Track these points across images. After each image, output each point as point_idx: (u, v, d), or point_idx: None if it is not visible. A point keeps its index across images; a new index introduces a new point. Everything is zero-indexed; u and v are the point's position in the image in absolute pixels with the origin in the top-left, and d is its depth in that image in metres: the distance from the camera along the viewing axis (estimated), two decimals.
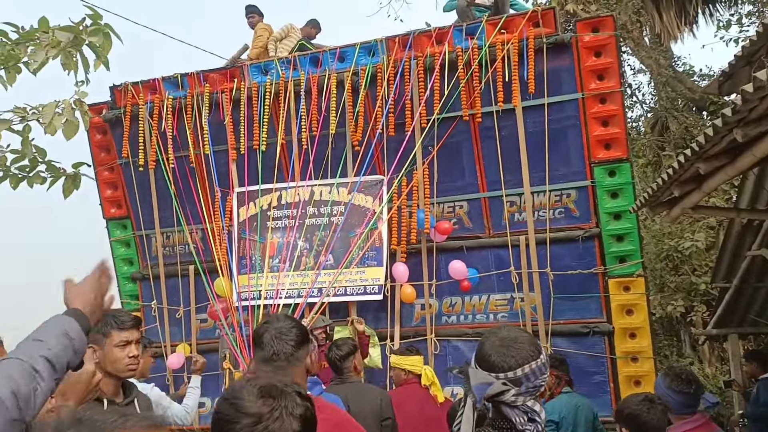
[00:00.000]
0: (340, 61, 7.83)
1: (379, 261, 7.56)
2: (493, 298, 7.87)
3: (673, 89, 16.85)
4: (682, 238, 12.71)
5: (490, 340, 2.25)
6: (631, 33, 17.11)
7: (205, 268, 8.25)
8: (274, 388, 1.72)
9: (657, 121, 16.99)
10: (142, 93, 8.52)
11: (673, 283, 12.84)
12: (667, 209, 5.67)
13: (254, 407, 1.65)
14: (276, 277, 7.73)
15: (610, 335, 7.32)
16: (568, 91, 7.20)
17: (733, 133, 3.53)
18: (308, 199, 7.84)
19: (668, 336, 13.85)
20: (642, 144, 16.41)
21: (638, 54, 17.39)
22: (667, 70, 16.92)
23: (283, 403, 1.68)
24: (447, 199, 7.84)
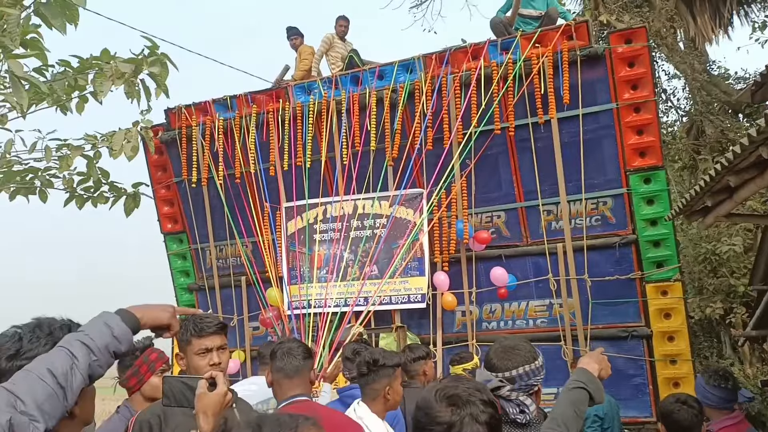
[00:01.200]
0: (379, 79, 7.89)
1: (421, 271, 7.59)
2: (532, 305, 7.81)
3: (708, 93, 16.44)
4: (719, 242, 12.41)
5: (494, 347, 2.70)
6: (665, 39, 16.79)
7: (257, 278, 8.39)
8: (460, 398, 1.83)
9: (692, 126, 16.62)
10: (194, 115, 8.71)
11: (712, 286, 12.53)
12: (702, 217, 5.66)
13: (446, 416, 1.78)
14: (323, 287, 7.81)
15: (648, 338, 7.21)
16: (602, 102, 7.13)
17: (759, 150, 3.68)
18: (352, 213, 7.91)
19: (708, 338, 13.52)
20: (677, 148, 16.06)
21: (672, 59, 17.03)
22: (702, 75, 16.51)
23: (469, 410, 1.79)
24: (485, 209, 7.83)
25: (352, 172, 7.85)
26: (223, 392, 2.36)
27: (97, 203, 9.16)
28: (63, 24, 8.04)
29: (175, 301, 9.59)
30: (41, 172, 8.96)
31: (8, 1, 5.38)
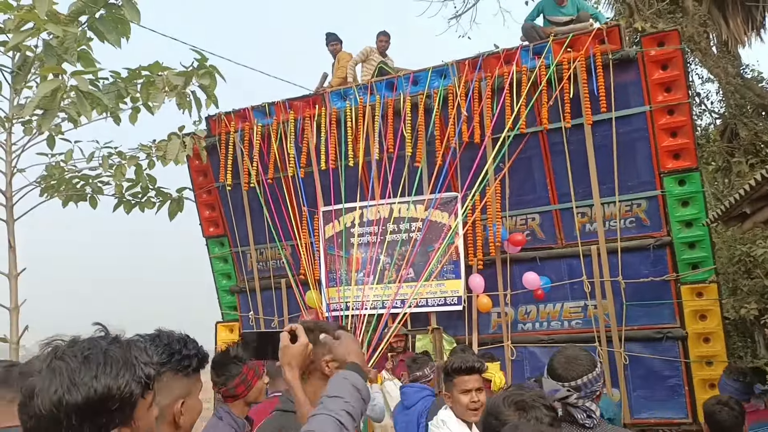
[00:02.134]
0: (414, 85, 7.88)
1: (456, 274, 7.56)
2: (566, 306, 7.72)
3: (741, 96, 16.11)
4: (754, 245, 12.14)
5: (557, 358, 2.81)
6: (699, 44, 16.51)
7: (297, 281, 8.43)
8: (526, 403, 2.06)
9: (726, 128, 16.30)
10: (233, 121, 8.80)
11: (746, 287, 12.28)
12: (740, 223, 5.71)
13: (513, 419, 1.99)
14: (361, 289, 7.82)
15: (683, 340, 7.08)
16: (635, 105, 7.02)
17: None
18: (388, 217, 7.91)
19: (742, 338, 13.28)
20: (711, 151, 15.76)
21: (706, 63, 16.73)
22: (735, 78, 16.20)
23: (533, 414, 2.02)
24: (519, 212, 7.77)
25: (388, 176, 7.84)
26: (305, 343, 2.35)
27: (144, 208, 9.37)
28: (117, 38, 8.26)
29: (218, 303, 9.68)
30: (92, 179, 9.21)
31: (66, 18, 5.52)
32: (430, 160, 7.76)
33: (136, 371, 1.55)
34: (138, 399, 1.54)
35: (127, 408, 1.51)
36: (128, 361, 1.54)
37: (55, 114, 8.28)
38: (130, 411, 1.53)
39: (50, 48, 8.17)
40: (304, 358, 2.35)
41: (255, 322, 9.05)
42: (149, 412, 1.64)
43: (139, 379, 1.55)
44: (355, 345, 2.26)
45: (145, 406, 1.59)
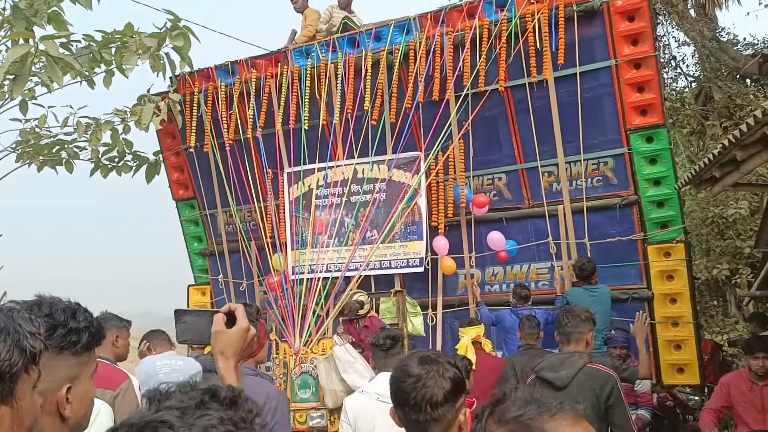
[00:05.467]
0: (376, 41, 7.27)
1: (419, 235, 7.04)
2: (534, 267, 7.26)
3: (716, 60, 15.48)
4: (726, 206, 11.70)
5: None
6: (676, 7, 15.82)
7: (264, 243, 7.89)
8: (429, 357, 2.02)
9: (701, 92, 15.67)
10: (197, 81, 8.17)
11: (719, 248, 11.86)
12: (710, 186, 5.57)
13: (416, 370, 1.97)
14: (325, 252, 7.28)
15: (650, 301, 6.63)
16: (600, 59, 6.45)
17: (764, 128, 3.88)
18: (351, 177, 7.34)
19: (714, 297, 12.93)
20: (686, 114, 15.16)
21: (683, 27, 16.05)
22: (711, 42, 15.54)
23: (436, 367, 1.96)
24: (486, 171, 7.25)
25: (351, 135, 7.24)
26: (244, 328, 1.84)
27: (122, 172, 8.82)
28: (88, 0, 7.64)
29: (190, 266, 9.17)
30: (67, 144, 8.62)
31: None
32: (393, 118, 7.15)
33: (21, 340, 1.22)
34: (21, 372, 1.22)
35: (7, 380, 1.20)
36: (10, 329, 1.22)
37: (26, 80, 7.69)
38: (11, 385, 1.21)
39: (18, 11, 7.53)
40: (243, 346, 1.85)
41: (225, 285, 8.55)
42: (33, 394, 1.28)
43: (24, 348, 1.23)
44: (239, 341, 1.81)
45: (28, 384, 1.25)
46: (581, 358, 3.62)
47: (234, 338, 1.82)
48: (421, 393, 1.93)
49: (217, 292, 8.69)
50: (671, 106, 15.43)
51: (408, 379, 1.98)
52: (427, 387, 1.93)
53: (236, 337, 1.82)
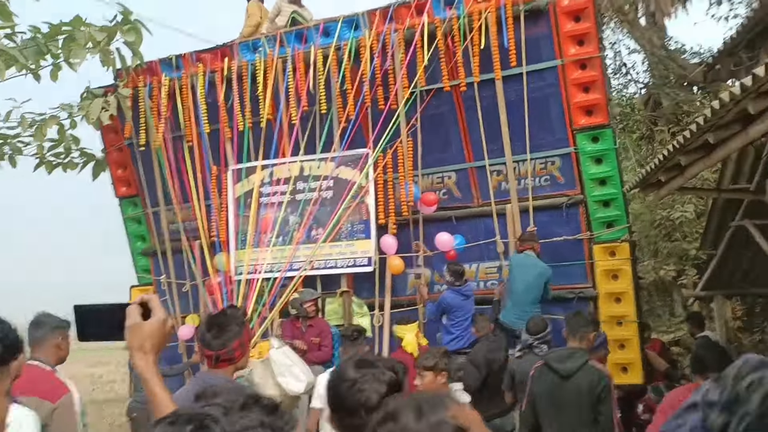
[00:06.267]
0: (324, 36, 7.07)
1: (367, 234, 6.85)
2: (482, 267, 7.16)
3: (665, 67, 15.77)
4: (673, 209, 11.87)
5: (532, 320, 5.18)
6: (627, 15, 16.08)
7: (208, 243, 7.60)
8: (367, 361, 1.97)
9: (650, 98, 15.99)
10: (141, 75, 7.84)
11: (666, 249, 12.07)
12: (656, 190, 5.74)
13: (352, 374, 1.90)
14: (269, 251, 7.04)
15: (595, 300, 6.57)
16: (547, 59, 6.40)
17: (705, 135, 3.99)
18: (299, 175, 7.12)
19: (661, 297, 13.09)
20: (636, 119, 15.40)
21: (633, 35, 16.32)
22: (660, 50, 15.83)
23: (372, 371, 1.90)
24: (436, 170, 7.14)
25: (298, 132, 7.03)
26: (162, 319, 1.67)
27: (67, 168, 8.42)
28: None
29: (133, 266, 8.81)
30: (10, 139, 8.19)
31: None
32: (341, 115, 6.96)
33: None
34: None
35: None
36: None
37: None
38: None
39: None
40: (161, 339, 1.70)
41: (167, 286, 8.22)
42: None
43: None
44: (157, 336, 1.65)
45: None
46: (583, 356, 4.18)
47: (152, 331, 1.66)
48: (356, 397, 1.87)
49: (160, 293, 8.34)
50: (622, 112, 15.65)
51: (343, 383, 1.93)
52: (362, 391, 1.87)
53: (154, 329, 1.67)
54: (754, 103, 3.46)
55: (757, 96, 3.42)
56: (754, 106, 3.46)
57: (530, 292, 6.08)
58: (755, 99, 3.44)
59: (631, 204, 12.11)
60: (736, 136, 3.99)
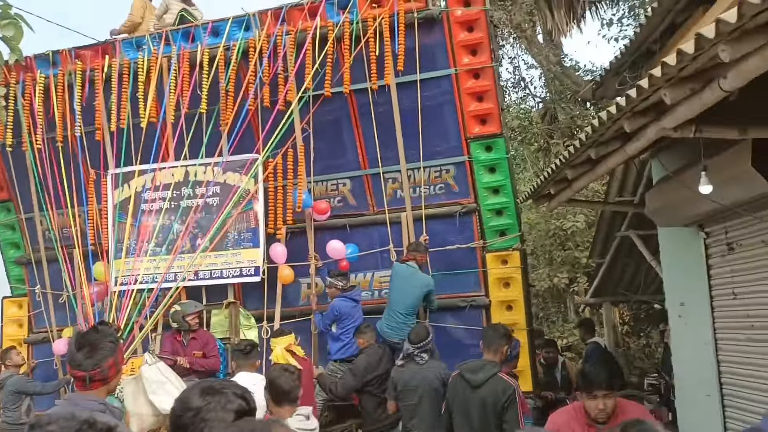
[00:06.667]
0: (213, 36, 6.71)
1: (255, 242, 6.51)
2: (377, 275, 7.00)
3: (560, 83, 16.34)
4: (565, 219, 12.21)
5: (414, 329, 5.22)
6: (525, 32, 16.54)
7: (86, 252, 7.03)
8: (213, 388, 1.82)
9: (546, 112, 16.51)
10: (14, 71, 7.17)
11: (560, 258, 12.36)
12: (547, 201, 5.81)
13: (196, 402, 1.77)
14: (151, 260, 6.56)
15: (487, 308, 6.55)
16: (441, 67, 6.34)
17: (588, 151, 4.13)
18: (183, 180, 6.69)
19: (555, 304, 13.46)
20: (533, 132, 15.84)
21: (531, 51, 16.81)
22: (556, 66, 16.39)
23: (218, 398, 1.78)
24: (330, 176, 6.92)
25: (182, 135, 6.61)
26: None
27: None
28: None
29: (6, 276, 8.05)
30: None
31: None
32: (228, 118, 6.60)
33: None
34: None
35: None
36: None
37: None
38: None
39: None
40: None
41: (43, 297, 7.55)
42: None
43: None
44: None
45: None
46: (494, 368, 4.40)
47: None
48: (199, 427, 1.76)
49: (35, 305, 7.67)
50: (520, 124, 16.07)
51: (186, 412, 1.80)
52: (206, 420, 1.76)
53: None
54: (629, 122, 3.51)
55: (632, 115, 3.46)
56: (629, 125, 3.51)
57: (406, 303, 5.99)
58: (630, 118, 3.49)
59: (527, 214, 12.42)
60: (616, 152, 4.07)
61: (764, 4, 2.16)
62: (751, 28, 2.38)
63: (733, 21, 2.32)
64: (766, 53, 2.44)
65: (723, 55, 2.49)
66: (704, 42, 2.52)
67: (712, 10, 5.16)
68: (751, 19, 2.30)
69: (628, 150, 3.93)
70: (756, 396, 4.62)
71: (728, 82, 2.71)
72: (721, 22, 2.38)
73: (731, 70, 2.66)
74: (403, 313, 5.95)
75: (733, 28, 2.36)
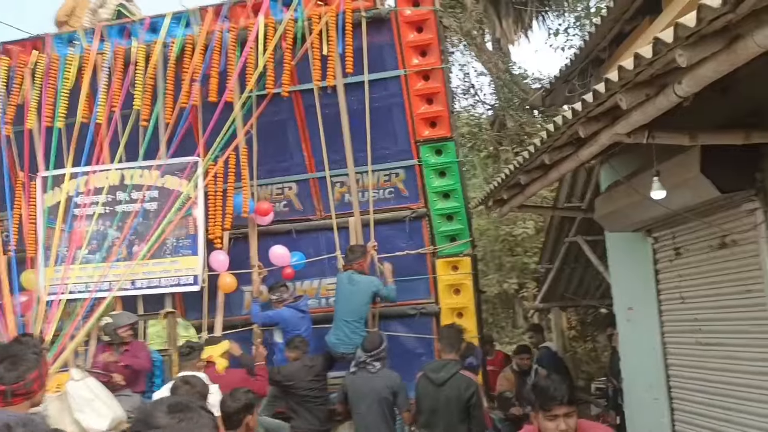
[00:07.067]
0: (150, 32, 6.35)
1: (194, 250, 6.17)
2: (324, 283, 6.77)
3: (509, 91, 16.44)
4: (515, 225, 12.24)
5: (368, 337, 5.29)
6: (475, 39, 16.61)
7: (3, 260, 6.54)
8: (181, 404, 1.63)
9: (496, 119, 16.60)
10: None
11: (509, 263, 12.39)
12: (500, 207, 5.85)
13: (162, 420, 1.57)
14: (84, 268, 6.15)
15: (437, 315, 6.38)
16: (390, 68, 6.15)
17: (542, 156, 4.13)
18: (118, 184, 6.30)
19: (505, 309, 13.48)
20: (483, 139, 15.87)
21: (481, 58, 16.88)
22: (505, 74, 16.49)
23: (190, 415, 1.59)
24: (276, 180, 6.66)
25: (117, 136, 6.22)
26: None
27: None
28: None
29: None
30: None
31: None
32: (167, 119, 6.25)
33: None
34: None
35: None
36: None
37: None
38: None
39: None
40: None
41: None
42: None
43: None
44: None
45: None
46: (456, 366, 4.68)
47: None
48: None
49: None
50: (470, 131, 16.07)
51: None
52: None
53: None
54: (583, 127, 3.48)
55: (587, 121, 3.43)
56: (583, 130, 3.48)
57: (352, 310, 5.80)
58: (584, 124, 3.45)
59: (477, 220, 12.38)
60: (569, 157, 4.07)
61: (722, 9, 2.08)
62: (709, 33, 2.32)
63: (692, 25, 2.25)
64: (720, 59, 2.38)
65: (680, 59, 2.43)
66: (662, 46, 2.44)
67: (658, 20, 5.21)
68: (709, 24, 2.22)
69: (581, 155, 3.93)
70: (703, 399, 4.64)
71: (683, 88, 2.68)
72: (680, 26, 2.31)
73: (686, 76, 2.62)
74: (350, 321, 5.75)
75: (691, 32, 2.28)
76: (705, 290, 4.55)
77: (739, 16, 2.13)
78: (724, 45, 2.32)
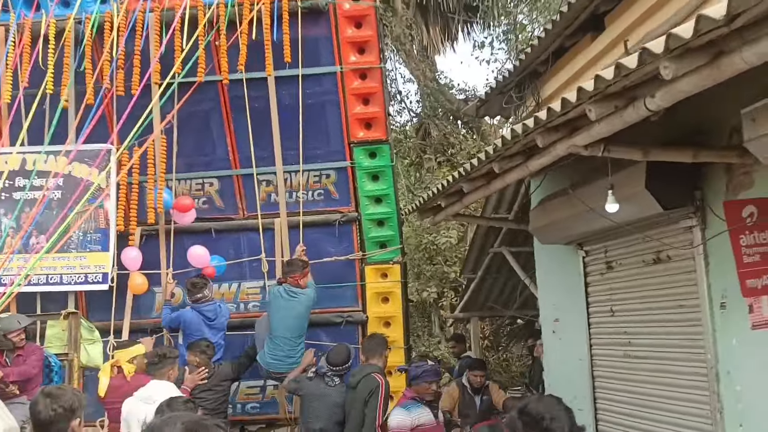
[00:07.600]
0: (63, 6, 5.75)
1: (104, 245, 5.60)
2: (244, 287, 6.39)
3: (435, 100, 16.50)
4: (438, 234, 12.21)
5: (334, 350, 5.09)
6: (404, 45, 16.55)
7: None
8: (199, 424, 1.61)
9: (421, 127, 16.61)
10: None
11: (429, 272, 12.35)
12: (433, 215, 5.63)
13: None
14: None
15: (363, 324, 6.13)
16: (325, 63, 5.87)
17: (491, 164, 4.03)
18: (19, 169, 5.65)
19: (422, 318, 13.50)
20: (407, 146, 15.84)
21: (408, 65, 16.84)
22: (432, 83, 16.52)
23: None
24: (195, 174, 6.24)
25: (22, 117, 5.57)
26: None
27: None
28: None
29: None
30: None
31: None
32: (79, 102, 5.67)
33: None
34: None
35: None
36: None
37: None
38: None
39: None
40: None
41: None
42: None
43: None
44: None
45: None
46: (370, 369, 4.86)
47: None
48: None
49: None
50: (395, 138, 15.98)
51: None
52: None
53: None
54: (542, 137, 3.35)
55: (545, 130, 3.30)
56: (542, 139, 3.37)
57: (290, 326, 5.43)
58: (543, 133, 3.33)
59: None
60: (518, 167, 3.98)
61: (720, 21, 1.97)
62: (695, 47, 2.20)
63: (688, 36, 2.12)
64: (704, 73, 2.28)
65: (665, 72, 2.29)
66: (648, 56, 2.29)
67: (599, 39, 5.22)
68: (698, 37, 2.10)
69: (530, 166, 3.81)
70: (629, 410, 4.64)
71: (655, 102, 2.55)
72: (673, 36, 2.16)
73: (661, 89, 2.50)
74: (291, 338, 5.40)
75: (681, 44, 2.15)
76: (636, 304, 4.55)
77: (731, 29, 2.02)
78: (709, 59, 2.22)
